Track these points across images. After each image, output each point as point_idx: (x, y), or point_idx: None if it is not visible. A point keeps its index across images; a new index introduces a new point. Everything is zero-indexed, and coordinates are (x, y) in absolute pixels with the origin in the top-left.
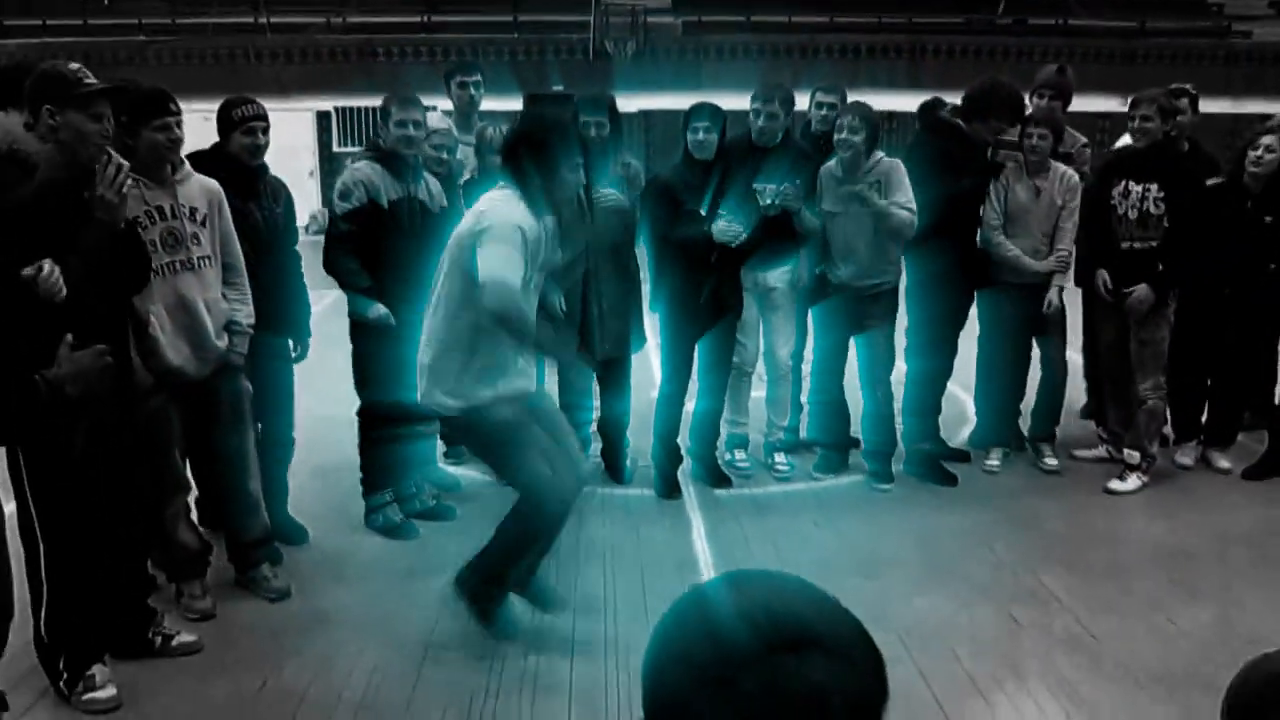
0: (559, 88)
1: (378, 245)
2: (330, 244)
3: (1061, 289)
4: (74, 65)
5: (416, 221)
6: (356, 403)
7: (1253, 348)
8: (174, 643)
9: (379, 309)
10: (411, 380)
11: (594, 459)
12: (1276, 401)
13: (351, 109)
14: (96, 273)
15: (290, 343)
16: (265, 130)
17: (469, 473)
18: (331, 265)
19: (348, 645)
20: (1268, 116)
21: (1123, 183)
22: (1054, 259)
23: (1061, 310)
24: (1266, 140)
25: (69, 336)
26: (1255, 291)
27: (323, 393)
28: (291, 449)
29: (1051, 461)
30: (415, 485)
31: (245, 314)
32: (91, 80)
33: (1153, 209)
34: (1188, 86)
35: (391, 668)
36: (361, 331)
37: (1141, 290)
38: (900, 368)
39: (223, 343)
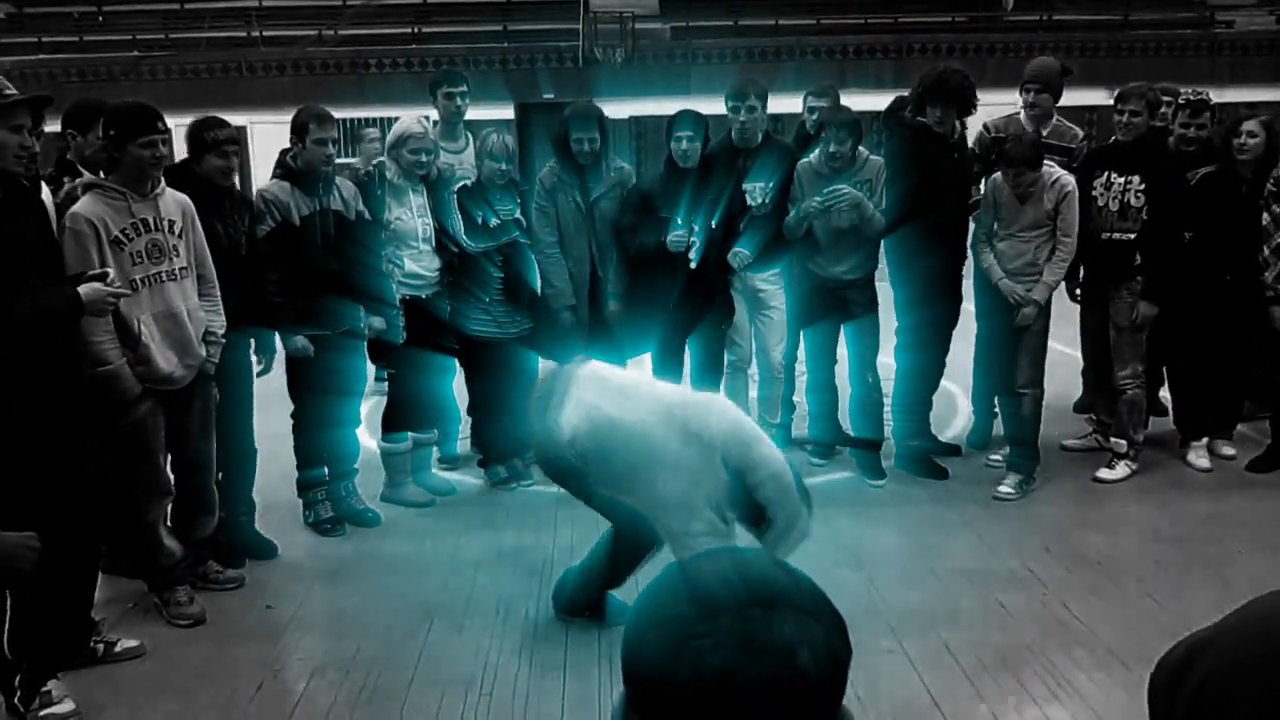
0: (550, 95)
1: (297, 261)
2: (255, 270)
3: (1036, 305)
4: None
5: (330, 231)
6: None
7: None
8: (117, 649)
9: (297, 341)
10: (339, 383)
11: None
12: None
13: (344, 120)
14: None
15: (254, 357)
16: (237, 152)
17: (464, 478)
18: (257, 299)
19: (342, 647)
20: (1253, 104)
21: (1105, 174)
22: (1035, 291)
23: (1044, 318)
24: (1248, 126)
25: None
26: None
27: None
28: (254, 460)
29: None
30: (345, 489)
31: (219, 324)
32: (11, 91)
33: (1133, 200)
34: (1206, 96)
35: (386, 667)
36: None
37: (1143, 307)
38: (891, 364)
39: (203, 350)
